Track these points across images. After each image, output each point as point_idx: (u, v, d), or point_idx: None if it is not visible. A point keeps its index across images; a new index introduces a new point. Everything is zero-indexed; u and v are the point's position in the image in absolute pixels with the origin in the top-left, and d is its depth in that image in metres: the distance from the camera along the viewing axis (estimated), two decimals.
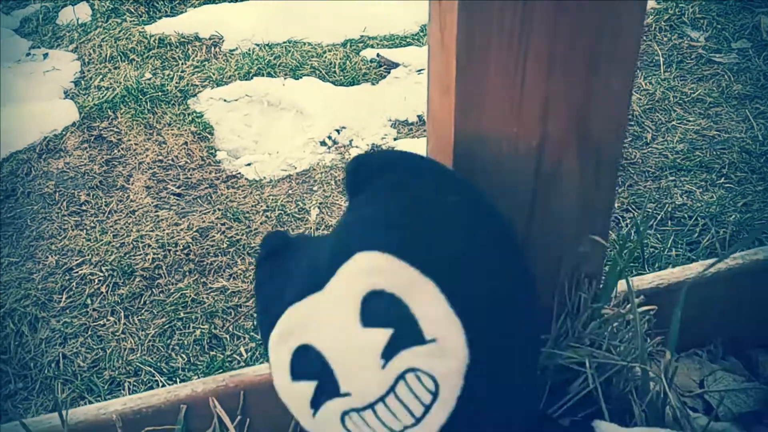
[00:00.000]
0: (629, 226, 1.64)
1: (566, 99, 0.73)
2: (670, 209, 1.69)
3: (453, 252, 0.62)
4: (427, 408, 0.60)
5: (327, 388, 0.63)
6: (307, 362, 0.63)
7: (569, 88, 0.73)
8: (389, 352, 0.59)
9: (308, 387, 0.64)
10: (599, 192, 0.81)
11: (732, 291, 1.11)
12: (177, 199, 1.91)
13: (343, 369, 0.61)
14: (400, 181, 0.66)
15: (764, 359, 1.16)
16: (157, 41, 2.61)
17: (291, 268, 0.70)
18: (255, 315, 0.71)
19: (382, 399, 0.60)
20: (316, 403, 0.64)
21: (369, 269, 0.61)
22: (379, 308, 0.60)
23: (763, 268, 1.10)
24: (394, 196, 0.65)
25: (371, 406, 0.61)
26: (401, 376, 0.59)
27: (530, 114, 0.74)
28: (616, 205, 1.71)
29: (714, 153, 1.87)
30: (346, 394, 0.62)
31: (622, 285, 1.00)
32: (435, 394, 0.59)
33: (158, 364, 1.45)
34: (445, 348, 0.59)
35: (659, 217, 1.67)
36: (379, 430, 0.62)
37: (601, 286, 0.90)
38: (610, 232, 1.60)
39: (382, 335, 0.59)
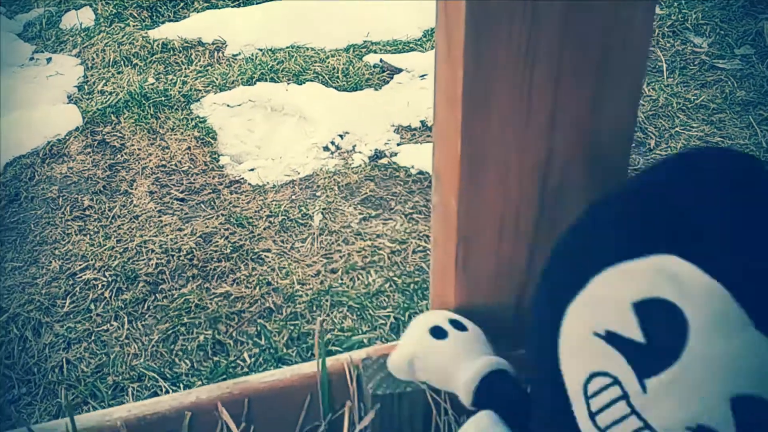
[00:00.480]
0: None
1: (573, 112, 0.73)
2: None
3: None
4: None
5: (655, 351, 0.57)
6: (661, 316, 0.57)
7: (576, 101, 0.73)
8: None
9: (638, 333, 0.58)
10: None
11: None
12: (180, 204, 1.91)
13: (681, 371, 0.56)
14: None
15: None
16: (160, 46, 2.61)
17: None
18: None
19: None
20: (619, 343, 0.59)
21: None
22: (758, 418, 0.55)
23: None
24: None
25: (639, 417, 0.58)
26: None
27: (537, 127, 0.74)
28: None
29: None
30: (645, 389, 0.58)
31: None
32: None
33: (162, 369, 1.45)
34: None
35: None
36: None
37: None
38: None
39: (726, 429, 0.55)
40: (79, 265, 1.72)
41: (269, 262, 1.70)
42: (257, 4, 2.88)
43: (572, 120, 0.74)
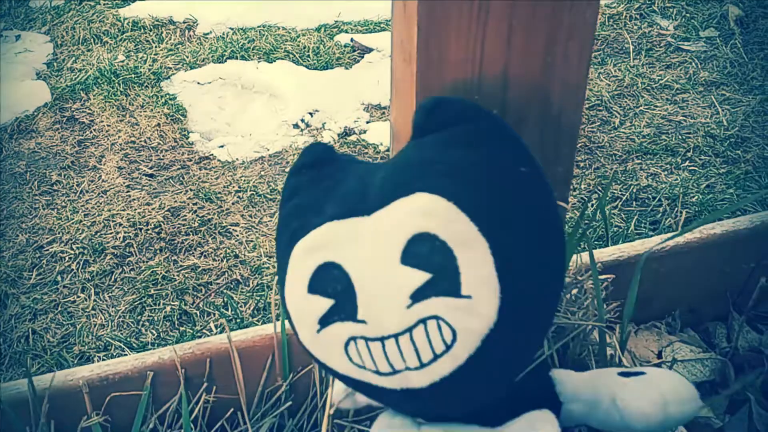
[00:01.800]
0: (593, 205, 1.67)
1: (526, 68, 0.75)
2: (635, 191, 1.72)
3: (514, 221, 0.62)
4: (436, 357, 0.61)
5: (343, 309, 0.63)
6: (330, 280, 0.64)
7: (529, 57, 0.75)
8: (419, 295, 0.60)
9: (324, 303, 0.64)
10: (559, 161, 0.83)
11: (690, 264, 1.14)
12: (149, 180, 1.91)
13: (366, 297, 0.62)
14: (478, 136, 0.66)
15: (720, 331, 1.19)
16: (130, 24, 2.60)
17: (335, 182, 0.69)
18: (279, 212, 0.74)
19: (395, 336, 0.61)
20: (325, 321, 0.64)
21: (427, 211, 0.61)
22: (424, 251, 0.60)
23: (720, 242, 1.13)
24: (470, 148, 0.65)
25: (382, 339, 0.62)
26: (423, 321, 0.60)
27: (490, 83, 0.76)
28: (582, 186, 1.74)
29: (679, 137, 1.91)
30: (361, 321, 0.62)
31: (584, 258, 1.03)
32: (448, 347, 0.61)
33: (128, 339, 1.46)
34: (477, 308, 0.60)
35: (624, 198, 1.70)
36: (380, 363, 0.63)
37: None
38: (575, 210, 1.63)
39: (418, 277, 0.60)
40: (46, 238, 1.72)
41: (237, 235, 1.71)
42: None
43: (524, 78, 0.76)
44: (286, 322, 1.03)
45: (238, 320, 1.47)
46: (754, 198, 1.61)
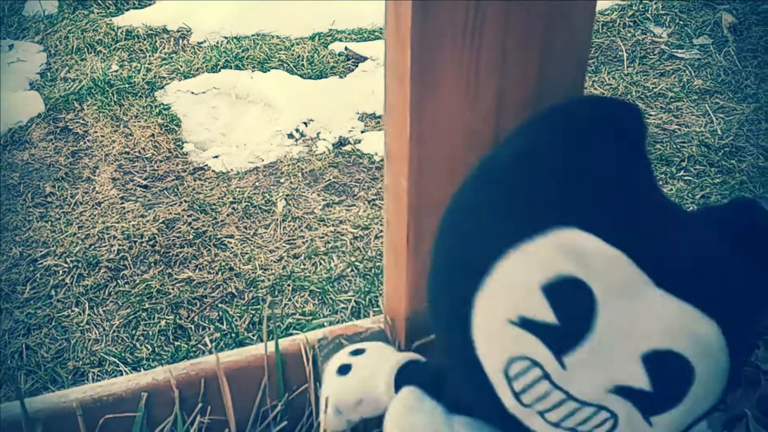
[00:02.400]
0: None
1: (520, 91, 0.75)
2: None
3: (744, 307, 0.62)
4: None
5: (565, 332, 0.59)
6: (573, 295, 0.59)
7: (523, 80, 0.74)
8: (624, 393, 0.59)
9: (548, 313, 0.59)
10: None
11: None
12: (143, 191, 1.91)
13: (592, 346, 0.59)
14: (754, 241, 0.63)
15: None
16: (124, 33, 2.60)
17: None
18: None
19: (581, 403, 0.60)
20: (534, 328, 0.60)
21: (683, 331, 0.58)
22: (665, 367, 0.59)
23: None
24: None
25: (567, 395, 0.60)
26: (607, 410, 0.60)
27: (485, 105, 0.75)
28: None
29: (674, 146, 1.91)
30: (562, 365, 0.59)
31: None
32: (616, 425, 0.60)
33: (122, 354, 1.45)
34: None
35: None
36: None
37: None
38: None
39: (641, 382, 0.59)
40: (40, 251, 1.71)
41: (232, 247, 1.70)
42: None
43: (519, 100, 0.76)
44: (284, 339, 1.02)
45: (233, 335, 1.47)
46: None
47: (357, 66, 2.40)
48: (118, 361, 1.44)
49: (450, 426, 0.69)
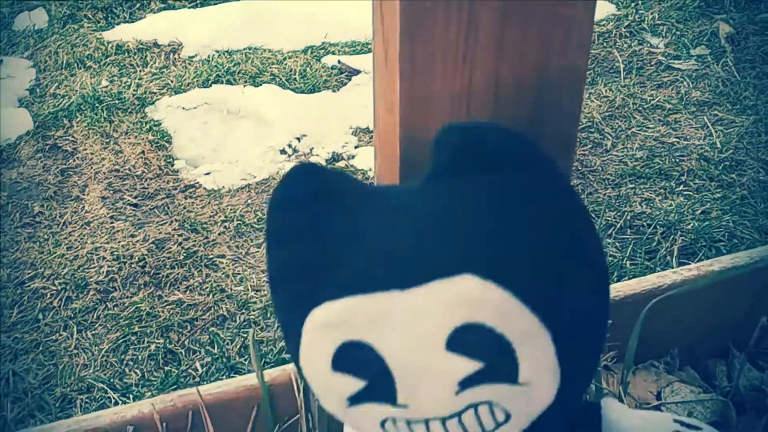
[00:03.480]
0: None
1: (514, 118, 0.72)
2: (629, 217, 1.69)
3: (575, 301, 0.57)
4: None
5: (379, 392, 0.57)
6: (359, 360, 0.56)
7: (517, 108, 0.71)
8: (470, 382, 0.55)
9: (353, 383, 0.57)
10: None
11: (688, 301, 1.11)
12: (133, 210, 1.87)
13: (408, 383, 0.56)
14: (535, 191, 0.58)
15: (720, 369, 1.16)
16: (114, 48, 2.57)
17: (344, 231, 0.58)
18: (268, 262, 0.66)
19: (443, 419, 0.57)
20: (356, 399, 0.58)
21: (478, 301, 0.53)
22: (475, 340, 0.54)
23: (718, 278, 1.10)
24: (526, 212, 0.57)
25: (427, 421, 0.57)
26: (474, 406, 0.56)
27: None
28: None
29: (673, 160, 1.88)
30: (403, 406, 0.57)
31: None
32: (499, 425, 0.57)
33: (111, 380, 1.42)
34: (535, 393, 0.56)
35: (618, 226, 1.67)
36: None
37: None
38: None
39: (468, 366, 0.54)
40: (28, 273, 1.68)
41: (223, 268, 1.67)
42: (214, 5, 2.84)
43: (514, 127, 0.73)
44: (266, 372, 0.99)
45: (224, 359, 1.43)
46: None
47: (350, 79, 2.37)
48: (106, 387, 1.40)
49: None
